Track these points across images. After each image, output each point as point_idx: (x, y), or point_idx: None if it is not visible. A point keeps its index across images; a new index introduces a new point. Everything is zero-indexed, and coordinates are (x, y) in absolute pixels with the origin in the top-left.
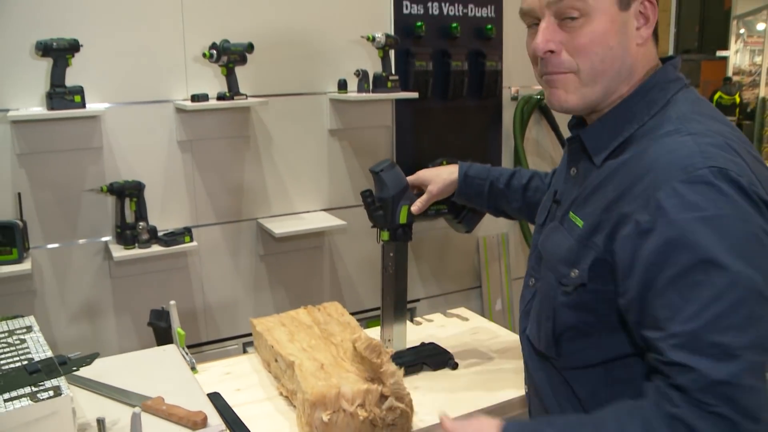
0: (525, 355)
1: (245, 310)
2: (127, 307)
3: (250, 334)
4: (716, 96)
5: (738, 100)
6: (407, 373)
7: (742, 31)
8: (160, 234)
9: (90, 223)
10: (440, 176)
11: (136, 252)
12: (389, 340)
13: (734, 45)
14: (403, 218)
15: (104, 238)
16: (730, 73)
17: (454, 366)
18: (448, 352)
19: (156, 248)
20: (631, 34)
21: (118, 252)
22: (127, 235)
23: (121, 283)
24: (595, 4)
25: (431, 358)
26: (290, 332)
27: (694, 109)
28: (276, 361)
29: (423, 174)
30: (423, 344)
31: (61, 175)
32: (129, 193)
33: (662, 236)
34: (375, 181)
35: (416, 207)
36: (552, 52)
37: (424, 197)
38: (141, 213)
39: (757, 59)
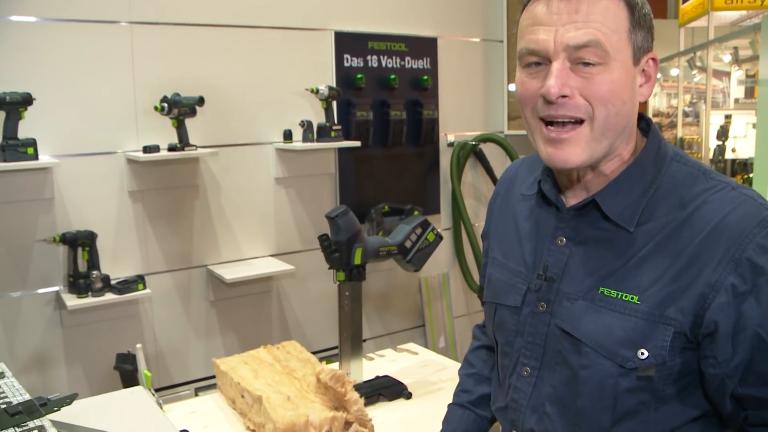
0: None
1: (196, 355)
2: (79, 355)
3: (202, 379)
4: None
5: None
6: (365, 404)
7: (658, 76)
8: (113, 282)
9: (41, 273)
10: None
11: (89, 300)
12: (348, 374)
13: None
14: (357, 259)
15: (55, 288)
16: (650, 115)
17: (409, 396)
18: (402, 383)
19: (109, 296)
20: (636, 90)
21: (72, 301)
22: (80, 284)
23: (73, 332)
24: (615, 54)
25: (387, 389)
26: (254, 369)
27: (696, 161)
28: (242, 397)
29: None
30: (378, 377)
31: (12, 225)
32: (81, 242)
33: (764, 296)
34: (330, 225)
35: None
36: (564, 96)
37: None
38: (94, 262)
39: (674, 102)
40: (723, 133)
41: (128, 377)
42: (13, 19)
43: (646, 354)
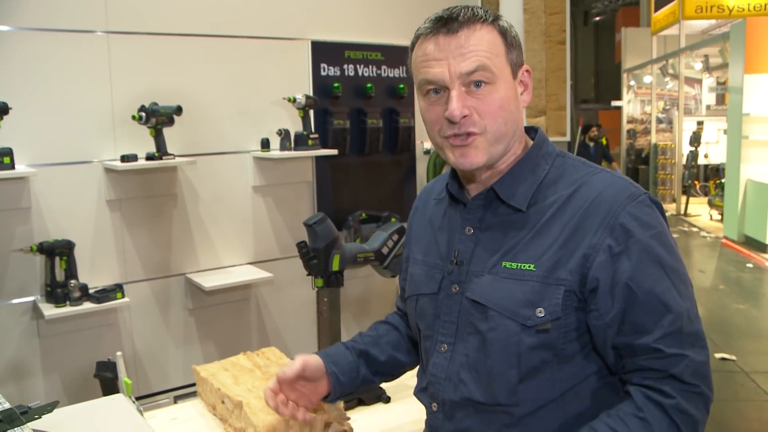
0: (459, 421)
1: (176, 363)
2: (56, 365)
3: (180, 387)
4: (584, 138)
5: (605, 142)
6: (345, 408)
7: (632, 83)
8: (91, 291)
9: (17, 283)
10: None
11: (67, 310)
12: None
13: (626, 95)
14: (335, 266)
15: (32, 298)
16: (625, 122)
17: (387, 400)
18: (381, 387)
19: (87, 305)
20: (519, 99)
21: (49, 310)
22: (57, 293)
23: (50, 342)
24: (499, 73)
25: (366, 393)
26: (234, 376)
27: (579, 157)
28: (223, 402)
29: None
30: None
31: None
32: (59, 251)
33: (634, 254)
34: (309, 233)
35: (292, 370)
36: (465, 116)
37: (294, 369)
38: (71, 271)
39: (647, 108)
40: (695, 139)
41: (108, 385)
42: None
43: (543, 312)
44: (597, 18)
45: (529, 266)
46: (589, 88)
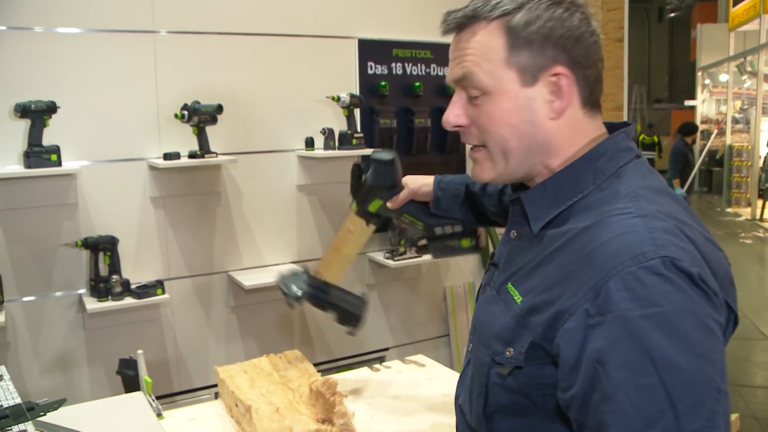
0: (457, 424)
1: (217, 360)
2: (100, 357)
3: None
4: (641, 137)
5: (656, 139)
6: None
7: (707, 81)
8: (132, 287)
9: (64, 277)
10: (418, 178)
11: (109, 304)
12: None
13: (701, 95)
14: (373, 207)
15: (78, 291)
16: (698, 122)
17: (352, 333)
18: (356, 314)
19: (129, 300)
20: (539, 109)
21: (92, 304)
22: (100, 287)
23: (94, 335)
24: (494, 83)
25: (340, 310)
26: (251, 379)
27: (645, 184)
28: (236, 405)
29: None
30: (350, 293)
31: (36, 230)
32: (103, 247)
33: (611, 334)
34: (371, 165)
35: (393, 202)
36: (462, 126)
37: (402, 192)
38: (114, 266)
39: (723, 108)
40: None
41: (130, 382)
42: (37, 30)
43: (512, 353)
44: (672, 14)
45: (518, 298)
46: (663, 88)
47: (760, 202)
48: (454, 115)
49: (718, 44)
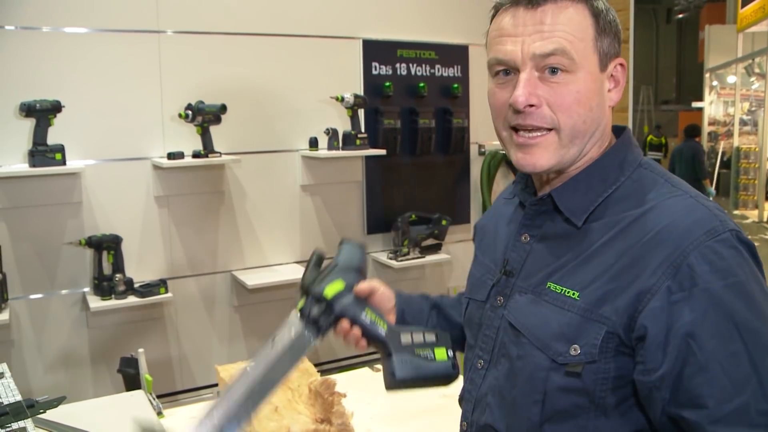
0: None
1: (219, 359)
2: (103, 355)
3: None
4: (648, 138)
5: (664, 141)
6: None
7: (715, 83)
8: (136, 285)
9: (68, 275)
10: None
11: (112, 303)
12: None
13: (708, 96)
14: (329, 291)
15: (82, 289)
16: (706, 123)
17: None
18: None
19: (132, 299)
20: (606, 95)
21: (95, 303)
22: (104, 286)
23: (98, 333)
24: (581, 61)
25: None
26: None
27: (668, 173)
28: None
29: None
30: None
31: (41, 228)
32: (107, 246)
33: (699, 306)
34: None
35: (359, 287)
36: (532, 105)
37: (365, 282)
38: (118, 265)
39: (731, 110)
40: None
41: (130, 380)
42: (44, 30)
43: (578, 350)
44: (680, 15)
45: (574, 294)
46: (671, 89)
47: (767, 205)
48: (528, 93)
49: (726, 46)
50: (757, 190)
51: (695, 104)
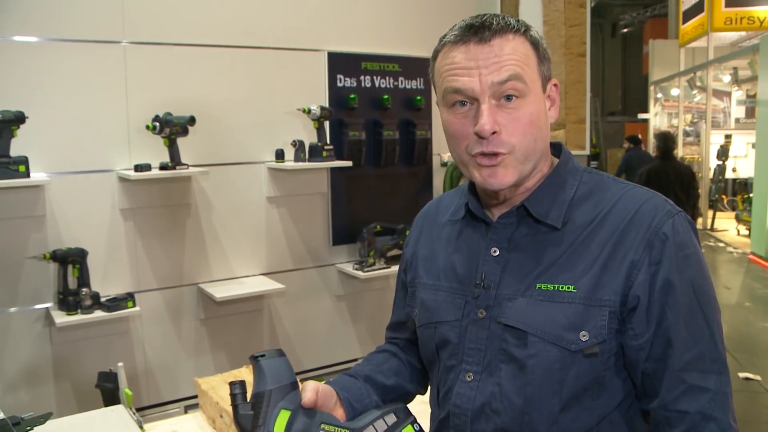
0: None
1: (187, 372)
2: (68, 372)
3: (192, 397)
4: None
5: (597, 151)
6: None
7: (659, 95)
8: (102, 300)
9: (31, 290)
10: (305, 384)
11: (78, 318)
12: None
13: (653, 108)
14: (279, 427)
15: (45, 305)
16: (650, 135)
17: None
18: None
19: (99, 314)
20: (546, 114)
21: (61, 318)
22: (69, 301)
23: (62, 349)
24: (531, 85)
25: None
26: None
27: (603, 172)
28: (221, 416)
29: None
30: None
31: (3, 242)
32: (72, 259)
33: (668, 274)
34: (254, 371)
35: (307, 402)
36: (494, 132)
37: (308, 391)
38: (84, 279)
39: (674, 121)
40: (723, 153)
41: (109, 396)
42: (10, 39)
43: (588, 335)
44: (625, 30)
45: (569, 287)
46: (616, 101)
47: (710, 213)
48: (492, 121)
49: (669, 59)
50: (701, 199)
51: (641, 116)
